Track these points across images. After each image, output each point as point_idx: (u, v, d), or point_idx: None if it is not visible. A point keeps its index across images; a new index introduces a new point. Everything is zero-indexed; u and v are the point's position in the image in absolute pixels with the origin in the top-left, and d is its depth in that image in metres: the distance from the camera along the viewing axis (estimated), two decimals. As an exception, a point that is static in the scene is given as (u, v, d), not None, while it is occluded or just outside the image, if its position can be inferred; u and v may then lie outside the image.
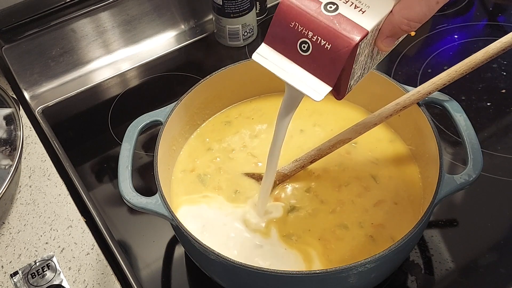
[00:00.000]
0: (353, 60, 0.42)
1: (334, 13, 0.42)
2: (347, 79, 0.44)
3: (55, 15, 0.88)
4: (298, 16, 0.42)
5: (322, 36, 0.42)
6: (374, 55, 0.46)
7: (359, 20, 0.41)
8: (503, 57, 0.84)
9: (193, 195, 0.62)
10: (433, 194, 0.53)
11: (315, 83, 0.43)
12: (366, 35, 0.41)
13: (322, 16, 0.42)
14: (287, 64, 0.44)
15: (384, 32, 0.42)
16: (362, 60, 0.44)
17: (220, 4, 0.86)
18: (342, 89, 0.45)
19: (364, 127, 0.59)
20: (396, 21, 0.40)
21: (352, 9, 0.42)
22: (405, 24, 0.40)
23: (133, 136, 0.59)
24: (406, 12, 0.40)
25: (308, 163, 0.61)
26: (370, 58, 0.46)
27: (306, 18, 0.42)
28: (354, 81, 0.46)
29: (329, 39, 0.41)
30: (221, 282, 0.57)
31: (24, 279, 0.59)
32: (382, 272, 0.54)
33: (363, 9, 0.42)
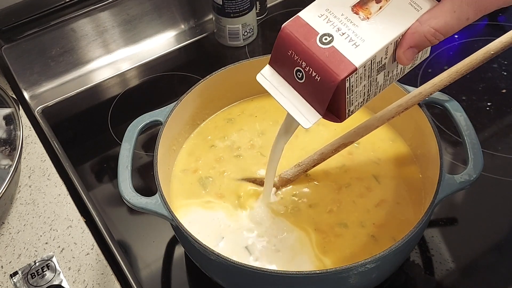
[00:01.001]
0: (344, 91, 0.43)
1: (328, 45, 0.42)
2: (343, 107, 0.45)
3: (55, 14, 0.88)
4: (294, 46, 0.43)
5: (313, 68, 0.43)
6: (389, 74, 0.46)
7: (350, 55, 0.41)
8: (503, 57, 0.84)
9: (193, 199, 0.62)
10: (433, 194, 0.53)
11: (307, 110, 0.45)
12: (355, 71, 0.41)
13: (316, 48, 0.42)
14: (285, 88, 0.46)
15: (408, 42, 0.41)
16: (360, 89, 0.44)
17: (220, 4, 0.86)
18: (341, 115, 0.46)
19: (366, 129, 0.59)
20: (423, 30, 0.40)
21: (346, 43, 0.42)
22: (431, 34, 0.40)
23: (133, 136, 0.59)
24: (435, 22, 0.39)
25: (310, 167, 0.61)
26: (383, 79, 0.46)
27: (301, 48, 0.43)
28: (356, 106, 0.46)
29: (318, 71, 0.42)
30: (221, 282, 0.57)
31: (23, 279, 0.58)
32: (382, 272, 0.54)
33: (358, 42, 0.42)
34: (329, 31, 0.43)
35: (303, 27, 0.43)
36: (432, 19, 0.39)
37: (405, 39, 0.41)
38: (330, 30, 0.43)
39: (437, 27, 0.39)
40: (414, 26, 0.40)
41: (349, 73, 0.41)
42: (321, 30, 0.43)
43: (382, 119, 0.59)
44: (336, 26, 0.43)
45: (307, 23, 0.43)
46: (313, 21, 0.43)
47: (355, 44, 0.42)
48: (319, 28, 0.43)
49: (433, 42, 0.41)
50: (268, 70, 0.47)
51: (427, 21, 0.40)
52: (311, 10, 0.44)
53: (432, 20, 0.39)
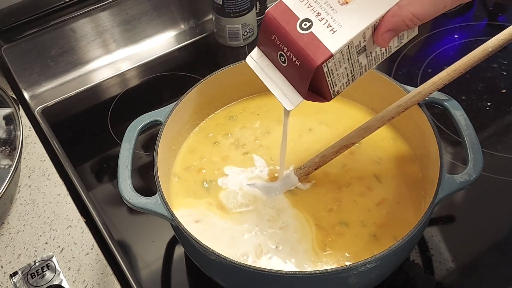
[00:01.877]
0: (323, 75, 0.44)
1: (307, 31, 0.43)
2: (326, 88, 0.46)
3: (55, 15, 0.88)
4: (277, 31, 0.45)
5: (293, 53, 0.44)
6: (372, 54, 0.47)
7: (327, 41, 0.43)
8: (503, 56, 0.84)
9: (195, 199, 0.62)
10: (433, 194, 0.53)
11: (290, 93, 0.47)
12: (331, 57, 0.43)
13: (295, 33, 0.44)
14: (272, 70, 0.48)
15: (386, 25, 0.42)
16: (342, 71, 0.45)
17: (220, 4, 0.86)
18: (326, 96, 0.48)
19: (367, 130, 0.59)
20: (402, 14, 0.41)
21: (324, 28, 0.43)
22: (409, 19, 0.41)
23: (133, 136, 0.59)
24: (414, 7, 0.40)
25: (312, 170, 0.61)
26: (366, 60, 0.46)
27: (282, 33, 0.44)
28: (341, 86, 0.47)
29: (298, 57, 0.44)
30: (221, 282, 0.57)
31: (23, 279, 0.58)
32: (382, 272, 0.54)
33: (335, 28, 0.43)
34: (309, 16, 0.44)
35: (285, 12, 0.44)
36: (411, 5, 0.40)
37: (383, 22, 0.42)
38: (310, 15, 0.44)
39: (416, 13, 0.40)
40: (393, 10, 0.41)
41: (325, 59, 0.43)
42: (302, 15, 0.44)
43: (383, 119, 0.59)
44: (316, 11, 0.43)
45: (289, 8, 0.44)
46: (294, 6, 0.44)
47: (332, 29, 0.43)
48: (299, 13, 0.44)
49: (410, 26, 0.42)
50: (257, 52, 0.48)
51: (406, 6, 0.40)
52: None
53: (411, 5, 0.40)
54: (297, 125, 0.68)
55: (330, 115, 0.69)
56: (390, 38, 0.43)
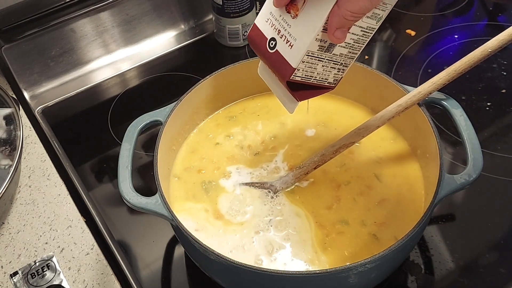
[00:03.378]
0: (301, 82, 0.48)
1: (273, 50, 0.47)
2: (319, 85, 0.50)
3: (55, 15, 0.88)
4: (257, 51, 0.49)
5: (271, 69, 0.49)
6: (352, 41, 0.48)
7: (288, 57, 0.46)
8: (503, 57, 0.84)
9: (195, 201, 0.62)
10: (433, 194, 0.53)
11: (288, 99, 0.51)
12: (294, 71, 0.46)
13: (267, 53, 0.48)
14: (274, 79, 0.51)
15: (332, 25, 0.44)
16: (321, 70, 0.48)
17: (220, 4, 0.86)
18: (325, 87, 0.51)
19: (367, 130, 0.59)
20: (341, 13, 0.43)
21: (284, 44, 0.46)
22: (349, 16, 0.43)
23: (133, 136, 0.59)
24: (351, 5, 0.42)
25: (312, 169, 0.61)
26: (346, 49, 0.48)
27: (260, 53, 0.49)
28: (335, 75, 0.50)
29: (275, 72, 0.49)
30: (221, 282, 0.57)
31: (24, 279, 0.58)
32: (382, 272, 0.54)
33: (292, 43, 0.46)
34: (273, 35, 0.47)
35: (258, 34, 0.48)
36: (348, 3, 0.42)
37: (330, 23, 0.44)
38: (274, 34, 0.47)
39: (353, 10, 0.42)
40: (334, 10, 0.43)
41: (290, 74, 0.46)
42: (268, 35, 0.47)
43: (383, 119, 0.59)
44: (277, 28, 0.47)
45: (259, 29, 0.48)
46: (263, 26, 0.48)
47: (290, 44, 0.46)
48: (267, 33, 0.48)
49: (354, 21, 0.44)
50: (262, 63, 0.52)
51: (344, 4, 0.43)
52: (261, 15, 0.48)
53: (347, 4, 0.42)
54: (297, 124, 0.68)
55: (329, 115, 0.69)
56: (343, 34, 0.44)
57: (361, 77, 0.66)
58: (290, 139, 0.67)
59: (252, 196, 0.61)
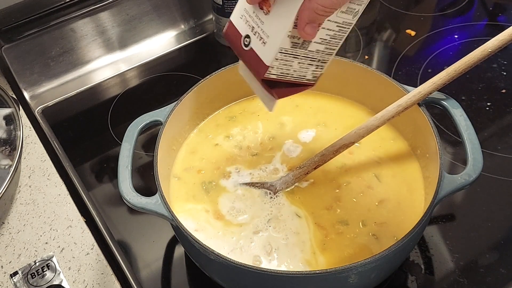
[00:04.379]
0: (276, 80, 0.47)
1: (248, 47, 0.46)
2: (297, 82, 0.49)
3: (55, 15, 0.88)
4: (234, 48, 0.49)
5: (247, 66, 0.48)
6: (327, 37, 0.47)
7: (262, 54, 0.45)
8: (503, 57, 0.84)
9: (195, 202, 0.62)
10: (433, 194, 0.53)
11: (267, 97, 0.50)
12: (267, 68, 0.45)
13: (243, 51, 0.47)
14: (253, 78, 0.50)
15: (303, 20, 0.43)
16: (297, 67, 0.47)
17: (220, 4, 0.86)
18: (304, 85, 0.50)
19: (367, 130, 0.59)
20: (312, 6, 0.42)
21: (258, 41, 0.45)
22: (320, 10, 0.42)
23: (133, 136, 0.59)
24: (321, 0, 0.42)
25: (312, 169, 0.61)
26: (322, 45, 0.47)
27: (237, 51, 0.48)
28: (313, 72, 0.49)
29: (250, 69, 0.48)
30: (221, 282, 0.57)
31: (24, 279, 0.58)
32: (382, 272, 0.54)
33: (265, 40, 0.45)
34: (247, 32, 0.46)
35: (234, 31, 0.48)
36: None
37: (300, 18, 0.43)
38: (248, 30, 0.46)
39: (324, 4, 0.42)
40: (305, 4, 0.42)
41: (264, 71, 0.45)
42: (243, 32, 0.47)
43: (383, 119, 0.59)
44: (251, 25, 0.46)
45: (235, 26, 0.48)
46: (238, 23, 0.47)
47: (263, 42, 0.45)
48: (241, 30, 0.47)
49: (326, 16, 0.43)
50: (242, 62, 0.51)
51: None
52: (236, 12, 0.48)
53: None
54: (296, 124, 0.68)
55: (329, 115, 0.69)
56: (313, 29, 0.43)
57: (361, 77, 0.66)
58: (290, 139, 0.67)
59: (252, 196, 0.61)
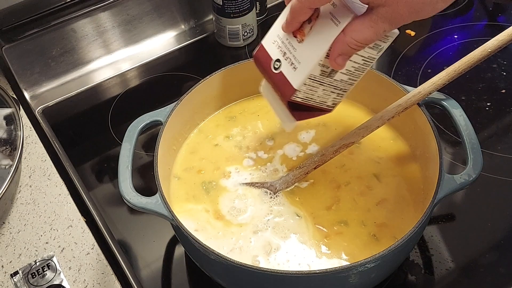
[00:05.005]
0: (301, 103, 0.50)
1: (278, 70, 0.50)
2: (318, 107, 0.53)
3: (55, 15, 0.88)
4: (262, 71, 0.52)
5: (274, 89, 0.51)
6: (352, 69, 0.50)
7: (291, 78, 0.49)
8: (503, 57, 0.85)
9: (195, 202, 0.62)
10: (433, 194, 0.53)
11: (287, 117, 0.53)
12: (295, 91, 0.48)
13: (272, 73, 0.50)
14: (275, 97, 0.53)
15: (336, 51, 0.46)
16: (321, 93, 0.51)
17: (220, 4, 0.86)
18: (324, 110, 0.54)
19: (367, 130, 0.59)
20: (346, 40, 0.45)
21: (289, 66, 0.49)
22: (354, 44, 0.45)
23: (133, 136, 0.59)
24: (356, 34, 0.45)
25: (312, 169, 0.61)
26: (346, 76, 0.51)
27: (265, 73, 0.52)
28: (334, 99, 0.53)
29: (277, 91, 0.51)
30: (221, 282, 0.57)
31: (24, 279, 0.59)
32: (382, 272, 0.54)
33: (296, 65, 0.48)
34: (278, 56, 0.50)
35: (264, 54, 0.51)
36: (353, 32, 0.45)
37: (333, 49, 0.46)
38: (279, 55, 0.50)
39: (358, 39, 0.45)
40: (339, 37, 0.46)
41: (291, 94, 0.49)
42: (274, 56, 0.50)
43: (383, 119, 0.59)
44: (283, 51, 0.49)
45: (266, 49, 0.51)
46: (269, 47, 0.51)
47: (294, 67, 0.48)
48: (272, 54, 0.50)
49: (357, 50, 0.46)
50: (265, 81, 0.55)
51: (349, 33, 0.45)
52: (268, 37, 0.51)
53: (353, 32, 0.45)
54: (296, 124, 0.68)
55: (330, 115, 0.69)
56: (344, 61, 0.47)
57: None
58: (290, 139, 0.67)
59: (253, 196, 0.61)
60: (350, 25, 0.45)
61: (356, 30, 0.45)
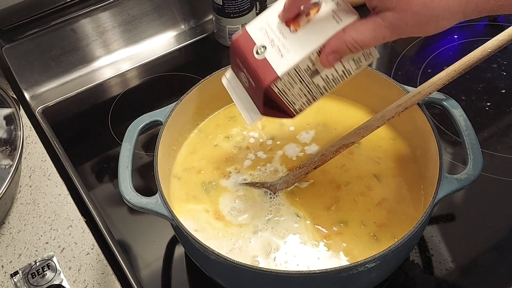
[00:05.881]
0: (276, 95, 0.49)
1: (261, 56, 0.48)
2: (286, 106, 0.51)
3: (55, 15, 0.88)
4: (239, 55, 0.50)
5: (250, 75, 0.50)
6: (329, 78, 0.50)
7: (276, 65, 0.47)
8: (503, 57, 0.85)
9: (195, 202, 0.62)
10: (433, 193, 0.53)
11: (252, 110, 0.52)
12: (277, 79, 0.47)
13: (252, 58, 0.49)
14: (240, 89, 0.53)
15: (331, 47, 0.46)
16: (297, 91, 0.49)
17: (220, 4, 0.86)
18: (288, 112, 0.51)
19: (367, 130, 0.59)
20: (345, 38, 0.45)
21: (275, 53, 0.48)
22: (351, 44, 0.45)
23: (133, 136, 0.59)
24: (356, 34, 0.44)
25: (312, 169, 0.61)
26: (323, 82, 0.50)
27: (243, 58, 0.50)
28: (302, 105, 0.51)
29: (253, 78, 0.49)
30: (221, 282, 0.57)
31: (24, 279, 0.59)
32: (382, 272, 0.54)
33: (283, 53, 0.47)
34: (264, 43, 0.49)
35: (246, 39, 0.50)
36: (354, 31, 0.45)
37: (328, 44, 0.46)
38: (266, 42, 0.49)
39: (357, 40, 0.44)
40: (338, 33, 0.45)
41: (271, 80, 0.47)
42: (259, 42, 0.49)
43: (383, 119, 0.59)
44: (271, 38, 0.48)
45: (250, 35, 0.50)
46: (254, 33, 0.50)
47: (281, 54, 0.47)
48: (257, 40, 0.49)
49: (352, 50, 0.45)
50: (230, 73, 0.55)
51: (350, 31, 0.45)
52: (255, 23, 0.50)
53: (354, 32, 0.45)
54: (296, 124, 0.68)
55: (330, 115, 0.69)
56: (334, 59, 0.46)
57: (361, 77, 0.65)
58: (290, 139, 0.67)
59: (253, 196, 0.61)
60: (352, 24, 0.45)
61: (357, 30, 0.44)
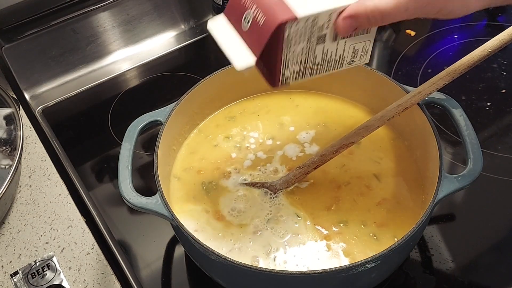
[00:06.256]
0: (281, 42, 0.45)
1: None
2: (279, 64, 0.47)
3: (55, 15, 0.88)
4: None
5: (262, 10, 0.45)
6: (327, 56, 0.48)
7: (296, 7, 0.44)
8: (503, 57, 0.85)
9: (195, 202, 0.62)
10: (433, 193, 0.53)
11: (243, 55, 0.46)
12: (295, 20, 0.43)
13: None
14: (231, 34, 0.48)
15: (350, 10, 0.44)
16: (298, 51, 0.46)
17: (220, 4, 0.86)
18: (276, 75, 0.48)
19: (367, 130, 0.59)
20: (367, 3, 0.43)
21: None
22: (371, 11, 0.43)
23: (133, 136, 0.59)
24: (379, 1, 0.43)
25: (312, 169, 0.61)
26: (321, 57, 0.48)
27: None
28: (291, 74, 0.48)
29: (265, 12, 0.45)
30: (221, 282, 0.57)
31: (24, 279, 0.59)
32: (382, 272, 0.54)
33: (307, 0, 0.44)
34: None
35: None
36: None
37: (350, 6, 0.44)
38: None
39: (379, 6, 0.43)
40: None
41: (288, 18, 0.43)
42: None
43: (383, 119, 0.59)
44: None
45: None
46: None
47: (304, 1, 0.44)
48: None
49: (370, 19, 0.44)
50: (222, 17, 0.50)
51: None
52: None
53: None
54: (296, 124, 0.68)
55: (329, 115, 0.69)
56: (350, 26, 0.45)
57: (361, 77, 0.66)
58: (290, 139, 0.67)
59: (253, 196, 0.61)
60: None
61: None
